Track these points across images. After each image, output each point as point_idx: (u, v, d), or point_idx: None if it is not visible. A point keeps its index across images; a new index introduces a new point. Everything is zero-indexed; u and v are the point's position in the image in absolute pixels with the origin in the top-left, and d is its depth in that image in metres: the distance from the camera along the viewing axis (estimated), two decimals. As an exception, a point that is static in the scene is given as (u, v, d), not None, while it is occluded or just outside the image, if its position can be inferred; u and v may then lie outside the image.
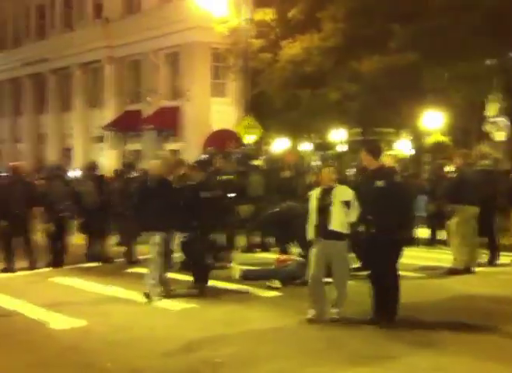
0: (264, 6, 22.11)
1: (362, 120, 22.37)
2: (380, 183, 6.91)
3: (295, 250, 10.32)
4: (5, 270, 10.87)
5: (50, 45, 34.62)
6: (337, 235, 7.06)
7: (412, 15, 18.87)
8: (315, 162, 21.50)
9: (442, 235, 12.74)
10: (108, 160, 28.85)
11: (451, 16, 18.20)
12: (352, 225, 7.27)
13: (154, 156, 20.45)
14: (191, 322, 7.40)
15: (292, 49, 20.91)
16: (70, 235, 12.31)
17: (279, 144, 24.61)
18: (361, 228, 7.49)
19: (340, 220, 7.05)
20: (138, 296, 8.53)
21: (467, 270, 10.06)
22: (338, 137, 24.05)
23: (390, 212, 6.80)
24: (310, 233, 7.19)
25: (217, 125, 27.00)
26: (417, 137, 21.90)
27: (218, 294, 8.80)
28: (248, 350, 6.27)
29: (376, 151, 7.28)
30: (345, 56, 20.09)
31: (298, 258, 9.70)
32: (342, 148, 24.47)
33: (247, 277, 9.65)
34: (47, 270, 11.08)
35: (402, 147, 23.57)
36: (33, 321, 7.50)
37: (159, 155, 23.80)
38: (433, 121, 19.94)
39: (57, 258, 11.37)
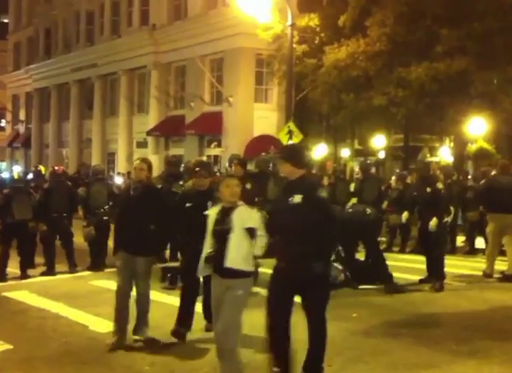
0: (308, 11, 22.11)
1: (406, 126, 22.15)
2: (296, 199, 5.13)
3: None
4: (46, 274, 11.02)
5: (98, 51, 35.27)
6: (235, 273, 5.22)
7: (459, 19, 18.65)
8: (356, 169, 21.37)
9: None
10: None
11: (500, 20, 17.93)
12: None
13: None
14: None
15: (337, 54, 20.86)
16: (110, 238, 12.40)
17: (320, 150, 24.54)
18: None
19: (241, 253, 5.22)
20: (175, 299, 8.57)
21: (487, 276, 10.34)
22: (380, 143, 23.85)
23: (304, 239, 5.08)
24: (200, 265, 5.40)
25: (259, 131, 27.04)
26: (460, 144, 21.58)
27: (253, 299, 8.74)
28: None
29: (297, 157, 5.39)
30: (391, 61, 19.94)
31: (338, 265, 9.59)
32: (383, 154, 24.27)
33: None
34: (87, 273, 11.14)
35: (445, 154, 23.25)
36: (73, 323, 7.58)
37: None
38: (478, 128, 19.61)
39: (98, 261, 11.35)
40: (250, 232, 5.21)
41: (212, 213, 5.43)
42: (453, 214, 12.04)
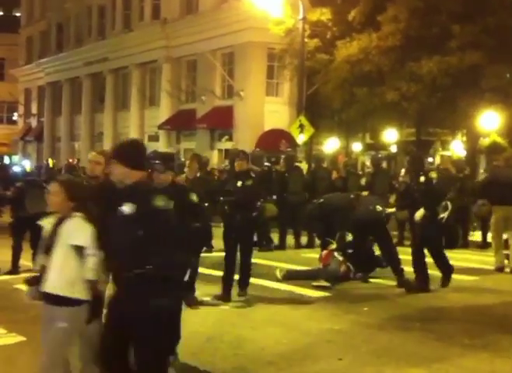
0: (320, 6, 22.03)
1: (418, 120, 22.06)
2: (127, 208, 4.07)
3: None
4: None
5: (109, 45, 35.31)
6: (56, 300, 4.35)
7: (472, 14, 18.54)
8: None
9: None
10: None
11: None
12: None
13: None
14: (241, 321, 7.37)
15: (349, 49, 20.79)
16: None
17: (331, 144, 24.51)
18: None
19: (64, 276, 4.32)
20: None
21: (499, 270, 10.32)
22: (392, 137, 23.78)
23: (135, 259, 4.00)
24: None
25: (270, 125, 27.02)
26: (473, 138, 21.48)
27: (265, 293, 8.80)
28: (298, 349, 6.23)
29: (131, 156, 4.31)
30: (404, 56, 19.86)
31: (339, 256, 9.54)
32: (395, 148, 24.19)
33: (290, 277, 9.53)
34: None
35: (457, 148, 23.15)
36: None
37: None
38: (491, 122, 19.51)
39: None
40: (78, 251, 4.30)
41: (48, 224, 4.53)
42: (464, 208, 12.08)
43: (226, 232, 8.48)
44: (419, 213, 8.86)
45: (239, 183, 8.25)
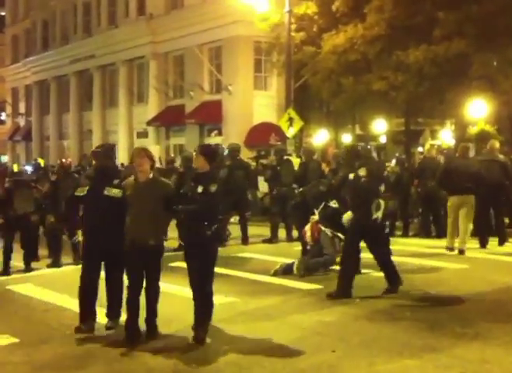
0: (305, -1, 22.02)
1: (406, 110, 22.10)
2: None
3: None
4: (52, 266, 11.06)
5: (96, 42, 35.16)
6: None
7: (458, 2, 18.55)
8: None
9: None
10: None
11: (498, 2, 17.83)
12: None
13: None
14: (233, 315, 7.36)
15: (335, 39, 20.79)
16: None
17: (321, 137, 24.52)
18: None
19: None
20: (181, 290, 8.60)
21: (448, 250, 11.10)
22: (381, 127, 23.83)
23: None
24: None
25: (259, 118, 27.03)
26: (462, 127, 21.55)
27: (255, 287, 8.81)
28: (292, 342, 6.23)
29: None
30: (389, 45, 19.88)
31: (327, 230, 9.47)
32: (385, 139, 24.27)
33: (309, 270, 9.38)
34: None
35: (446, 137, 23.22)
36: (78, 316, 7.62)
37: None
38: (479, 110, 19.57)
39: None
40: None
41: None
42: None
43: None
44: (347, 215, 8.14)
45: (199, 189, 6.52)
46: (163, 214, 6.62)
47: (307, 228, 9.69)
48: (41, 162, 22.86)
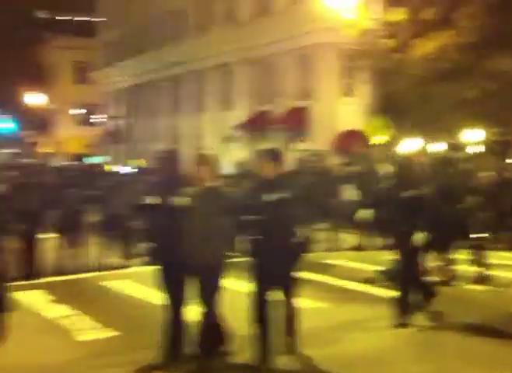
0: (395, 5, 21.82)
1: (501, 119, 21.51)
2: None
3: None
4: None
5: (186, 48, 36.00)
6: None
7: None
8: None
9: None
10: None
11: None
12: None
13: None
14: (322, 321, 7.46)
15: (425, 47, 20.53)
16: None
17: (408, 145, 24.18)
18: None
19: None
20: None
21: None
22: (472, 137, 23.27)
23: None
24: None
25: (345, 125, 26.93)
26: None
27: (344, 294, 8.85)
28: (383, 351, 6.30)
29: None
30: (482, 53, 19.45)
31: None
32: (478, 149, 23.64)
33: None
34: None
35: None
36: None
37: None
38: None
39: None
40: None
41: None
42: None
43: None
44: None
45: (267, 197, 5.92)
46: (225, 226, 5.86)
47: None
48: (142, 163, 23.66)
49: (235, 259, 5.96)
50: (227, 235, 5.89)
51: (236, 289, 7.32)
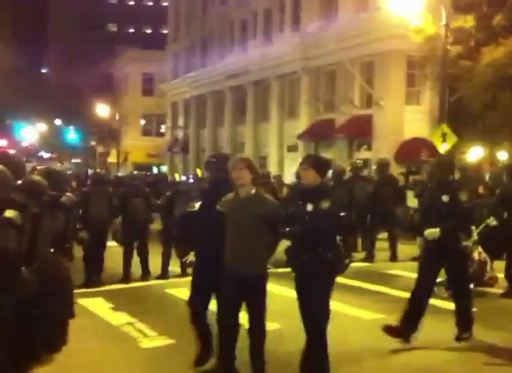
0: (462, 12, 21.43)
1: None
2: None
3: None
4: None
5: (250, 58, 36.33)
6: None
7: None
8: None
9: None
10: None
11: None
12: None
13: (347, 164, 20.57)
14: (382, 332, 7.39)
15: (493, 54, 20.05)
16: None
17: (475, 153, 23.66)
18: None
19: None
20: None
21: None
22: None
23: None
24: None
25: (410, 133, 26.54)
26: None
27: (403, 305, 8.69)
28: (442, 365, 6.21)
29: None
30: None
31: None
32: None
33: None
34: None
35: None
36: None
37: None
38: None
39: None
40: None
41: None
42: None
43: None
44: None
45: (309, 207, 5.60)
46: (266, 237, 5.57)
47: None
48: (199, 172, 23.93)
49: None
50: (266, 245, 5.58)
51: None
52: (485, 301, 8.92)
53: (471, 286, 9.20)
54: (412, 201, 14.94)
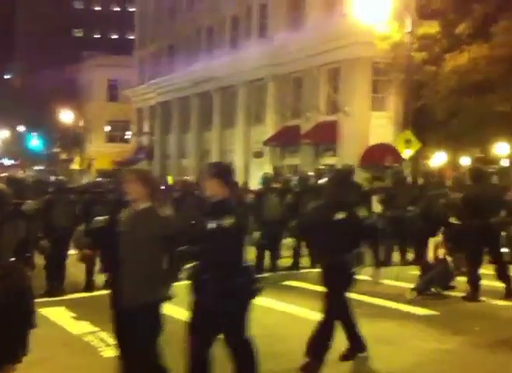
0: (427, 19, 21.70)
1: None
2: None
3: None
4: None
5: (217, 64, 36.24)
6: None
7: None
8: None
9: None
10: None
11: None
12: None
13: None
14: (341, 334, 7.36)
15: (457, 60, 20.34)
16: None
17: (439, 159, 23.95)
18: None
19: None
20: (294, 309, 8.68)
21: None
22: (503, 150, 22.95)
23: None
24: None
25: (375, 139, 26.74)
26: None
27: (370, 310, 8.72)
28: (410, 369, 6.18)
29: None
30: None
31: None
32: (506, 162, 23.31)
33: (421, 292, 9.36)
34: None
35: None
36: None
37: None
38: None
39: (259, 266, 11.73)
40: None
41: None
42: None
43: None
44: None
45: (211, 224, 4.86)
46: (161, 257, 4.77)
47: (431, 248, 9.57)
48: (170, 179, 23.76)
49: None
50: (162, 267, 4.75)
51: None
52: (448, 304, 8.98)
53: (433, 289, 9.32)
54: (377, 207, 15.04)
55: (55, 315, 8.86)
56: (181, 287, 4.98)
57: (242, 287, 4.74)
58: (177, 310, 6.26)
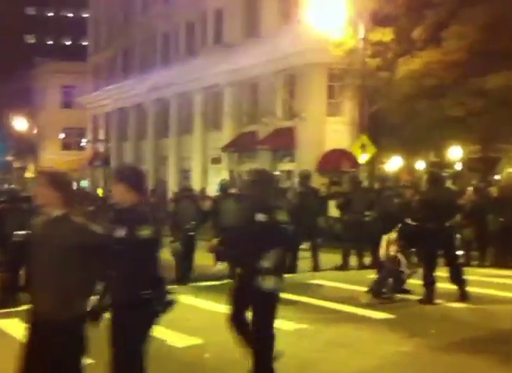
0: (380, 25, 21.97)
1: (484, 136, 21.61)
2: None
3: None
4: None
5: (173, 71, 36.07)
6: None
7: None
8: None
9: None
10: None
11: None
12: None
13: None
14: (306, 342, 7.35)
15: (410, 65, 20.64)
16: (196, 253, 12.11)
17: (394, 163, 24.27)
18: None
19: None
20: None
21: None
22: (456, 154, 23.39)
23: None
24: None
25: (332, 145, 26.97)
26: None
27: (327, 314, 8.74)
28: (368, 371, 6.19)
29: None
30: (468, 70, 19.55)
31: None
32: (460, 166, 23.76)
33: (376, 295, 9.47)
34: (172, 287, 11.32)
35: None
36: (152, 338, 7.76)
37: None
38: None
39: (184, 276, 11.57)
40: None
41: None
42: None
43: None
44: None
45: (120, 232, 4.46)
46: (78, 270, 4.16)
47: (383, 245, 9.69)
48: (100, 192, 23.53)
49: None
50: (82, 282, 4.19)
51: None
52: (404, 308, 9.06)
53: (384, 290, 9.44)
54: (334, 211, 15.16)
55: (9, 326, 8.63)
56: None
57: (151, 300, 4.46)
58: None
